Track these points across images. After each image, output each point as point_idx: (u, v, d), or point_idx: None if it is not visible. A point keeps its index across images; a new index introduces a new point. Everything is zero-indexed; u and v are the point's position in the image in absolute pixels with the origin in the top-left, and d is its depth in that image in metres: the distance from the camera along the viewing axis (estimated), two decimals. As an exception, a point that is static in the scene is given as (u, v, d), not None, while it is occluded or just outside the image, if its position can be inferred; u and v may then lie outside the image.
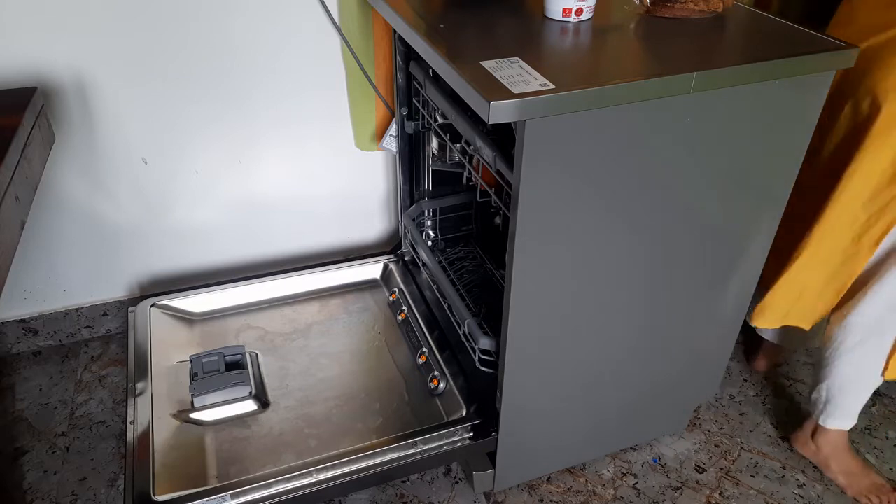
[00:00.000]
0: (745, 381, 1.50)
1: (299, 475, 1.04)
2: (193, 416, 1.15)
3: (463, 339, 1.23)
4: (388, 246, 1.67)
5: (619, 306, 1.05)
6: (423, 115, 1.30)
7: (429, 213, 1.48)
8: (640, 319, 1.09)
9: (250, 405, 1.18)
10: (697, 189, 0.98)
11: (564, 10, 0.99)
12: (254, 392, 1.19)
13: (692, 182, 0.96)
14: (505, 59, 0.85)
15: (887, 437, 1.38)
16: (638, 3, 1.07)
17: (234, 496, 1.01)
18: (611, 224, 0.95)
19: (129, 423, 1.11)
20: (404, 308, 1.37)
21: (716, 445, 1.35)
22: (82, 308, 1.50)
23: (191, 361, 1.21)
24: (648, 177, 0.92)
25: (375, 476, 1.07)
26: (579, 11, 0.99)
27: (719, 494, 1.26)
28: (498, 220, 1.49)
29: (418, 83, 1.23)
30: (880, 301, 1.12)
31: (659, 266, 1.04)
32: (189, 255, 1.52)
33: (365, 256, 1.55)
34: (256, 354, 1.29)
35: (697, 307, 1.14)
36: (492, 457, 1.15)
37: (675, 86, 0.83)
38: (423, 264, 1.43)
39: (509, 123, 0.83)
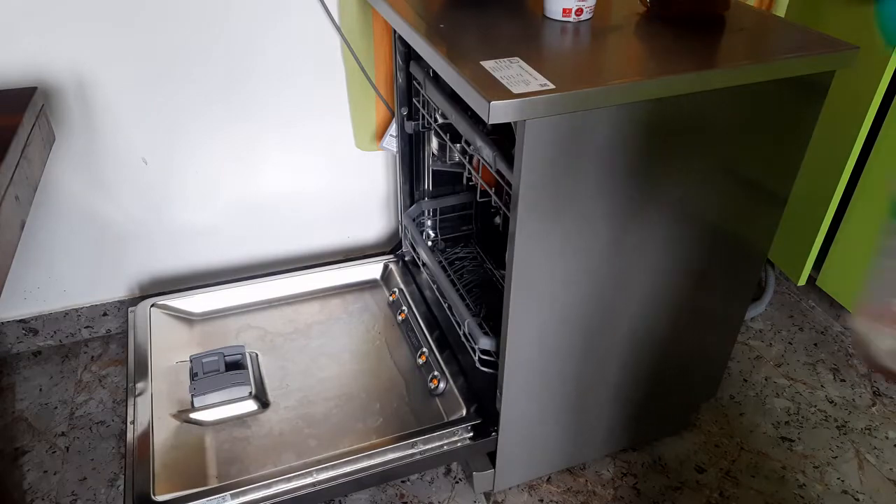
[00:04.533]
0: (745, 381, 1.50)
1: (299, 475, 1.04)
2: (193, 416, 1.15)
3: (463, 339, 1.23)
4: (388, 246, 1.68)
5: (620, 306, 1.05)
6: (423, 115, 1.30)
7: (429, 213, 1.48)
8: (640, 319, 1.09)
9: (250, 405, 1.18)
10: (698, 189, 0.98)
11: (564, 10, 0.99)
12: (254, 392, 1.19)
13: (692, 182, 0.96)
14: (505, 59, 0.85)
15: (887, 437, 1.38)
16: (638, 2, 1.07)
17: (234, 496, 1.01)
18: (611, 224, 0.95)
19: (129, 423, 1.11)
20: (404, 308, 1.37)
21: (716, 445, 1.35)
22: (82, 308, 1.50)
23: (191, 361, 1.21)
24: (648, 177, 0.92)
25: (375, 476, 1.07)
26: (579, 11, 0.99)
27: (719, 495, 1.26)
28: (498, 220, 1.49)
29: (418, 83, 1.23)
30: None
31: (659, 266, 1.04)
32: (189, 255, 1.52)
33: (365, 256, 1.55)
34: (256, 354, 1.29)
35: (698, 307, 1.14)
36: (492, 457, 1.15)
37: (675, 86, 0.83)
38: (423, 264, 1.43)
39: (509, 123, 0.83)
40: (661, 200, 0.96)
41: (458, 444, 1.11)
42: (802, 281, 1.62)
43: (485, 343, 1.14)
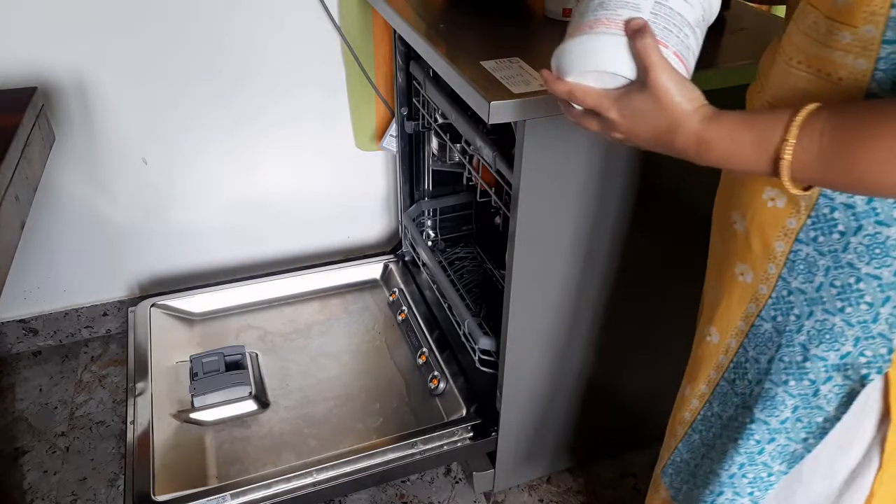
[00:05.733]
0: (745, 381, 1.50)
1: (299, 475, 1.04)
2: (193, 416, 1.15)
3: (463, 339, 1.23)
4: (388, 246, 1.67)
5: (620, 305, 1.05)
6: (423, 115, 1.30)
7: (429, 213, 1.48)
8: (640, 318, 1.09)
9: (250, 405, 1.17)
10: (697, 188, 0.97)
11: (565, 11, 0.99)
12: (254, 392, 1.19)
13: (692, 181, 0.96)
14: (505, 59, 0.85)
15: (887, 437, 1.37)
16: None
17: (234, 496, 1.01)
18: (611, 223, 0.95)
19: (129, 423, 1.11)
20: (404, 308, 1.37)
21: (716, 445, 1.35)
22: (82, 308, 1.50)
23: (191, 361, 1.21)
24: (648, 176, 0.92)
25: (375, 476, 1.07)
26: (579, 11, 0.99)
27: (719, 494, 1.25)
28: (498, 220, 1.49)
29: (418, 83, 1.23)
30: None
31: (659, 264, 1.04)
32: (189, 255, 1.52)
33: (365, 256, 1.55)
34: (256, 354, 1.29)
35: (698, 306, 1.13)
36: (492, 457, 1.15)
37: (675, 86, 0.83)
38: (423, 264, 1.43)
39: (509, 123, 0.83)
40: (661, 198, 0.96)
41: (458, 444, 1.11)
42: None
43: (485, 343, 1.14)
